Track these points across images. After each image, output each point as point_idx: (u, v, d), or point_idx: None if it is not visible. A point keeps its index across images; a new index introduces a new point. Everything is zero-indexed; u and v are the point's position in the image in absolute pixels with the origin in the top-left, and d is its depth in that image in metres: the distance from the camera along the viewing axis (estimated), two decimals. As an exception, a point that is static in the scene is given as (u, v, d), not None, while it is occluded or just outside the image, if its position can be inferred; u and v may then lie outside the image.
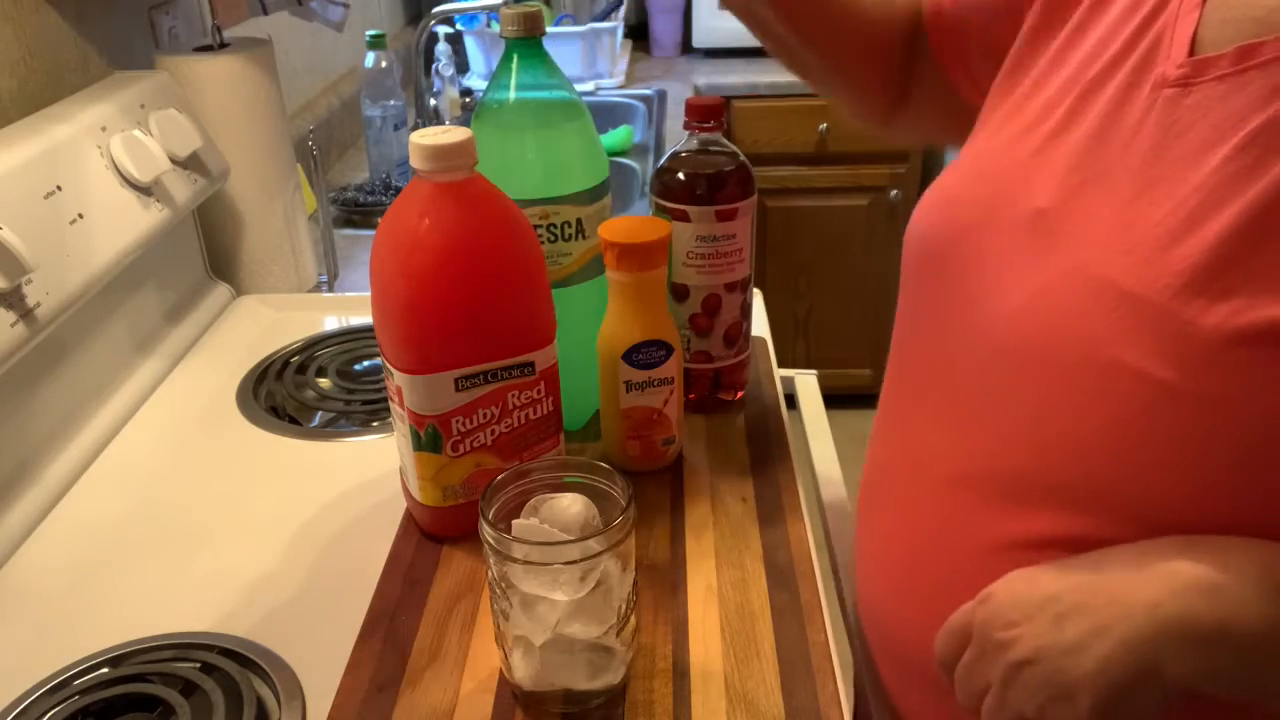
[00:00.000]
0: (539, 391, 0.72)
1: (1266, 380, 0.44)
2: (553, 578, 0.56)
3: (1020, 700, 0.49)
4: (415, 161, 0.65)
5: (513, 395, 0.71)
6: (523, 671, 0.59)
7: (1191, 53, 0.50)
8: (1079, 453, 0.51)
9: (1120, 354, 0.48)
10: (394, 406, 0.72)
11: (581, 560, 0.56)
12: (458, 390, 0.69)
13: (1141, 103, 0.51)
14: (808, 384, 1.04)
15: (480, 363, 0.69)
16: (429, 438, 0.70)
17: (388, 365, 0.70)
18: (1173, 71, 0.50)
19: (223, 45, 1.13)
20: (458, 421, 0.70)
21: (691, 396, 0.89)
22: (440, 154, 0.65)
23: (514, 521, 0.59)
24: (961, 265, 0.59)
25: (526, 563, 0.56)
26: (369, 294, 0.70)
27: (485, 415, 0.70)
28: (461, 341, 0.68)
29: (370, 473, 0.86)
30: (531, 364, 0.71)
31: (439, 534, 0.75)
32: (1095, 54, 0.56)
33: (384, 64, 1.61)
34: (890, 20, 0.76)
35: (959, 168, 0.63)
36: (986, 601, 0.51)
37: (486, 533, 0.57)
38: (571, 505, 0.60)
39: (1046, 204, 0.54)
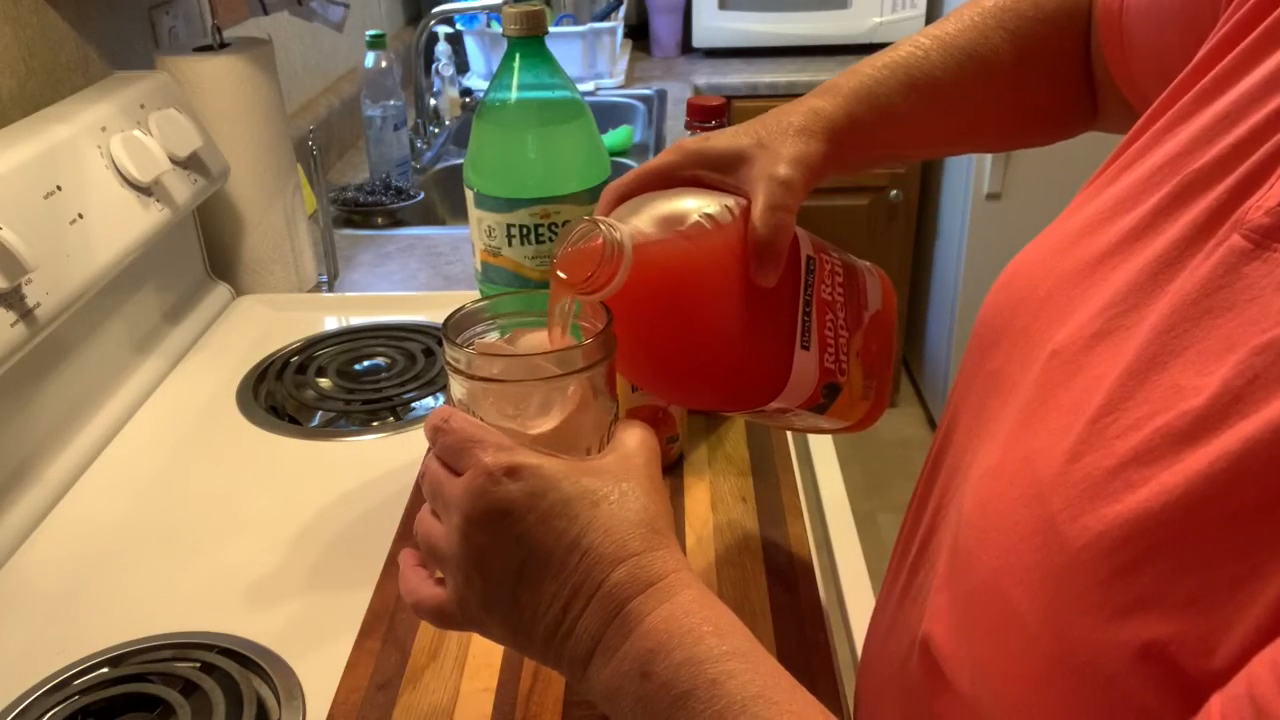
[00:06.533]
0: (834, 265, 0.63)
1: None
2: (522, 401, 0.50)
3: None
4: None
5: (824, 290, 0.62)
6: None
7: None
8: (972, 679, 0.41)
9: (1010, 590, 0.37)
10: (773, 414, 0.63)
11: (557, 378, 0.50)
12: (808, 350, 0.60)
13: (1214, 240, 0.35)
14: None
15: (797, 306, 0.59)
16: (828, 395, 0.62)
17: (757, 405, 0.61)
18: (1255, 217, 0.33)
19: (223, 45, 1.13)
20: (827, 359, 0.61)
21: (693, 396, 0.89)
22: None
23: (481, 342, 0.54)
24: (989, 383, 0.47)
25: (498, 380, 0.50)
26: (369, 294, 0.69)
27: (830, 325, 0.62)
28: (782, 315, 0.60)
29: (370, 473, 0.86)
30: (812, 258, 0.61)
31: (872, 424, 0.69)
32: (1220, 124, 0.38)
33: (384, 64, 1.61)
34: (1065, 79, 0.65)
35: (1044, 238, 0.47)
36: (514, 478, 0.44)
37: (449, 353, 0.50)
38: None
39: (1062, 345, 0.40)
